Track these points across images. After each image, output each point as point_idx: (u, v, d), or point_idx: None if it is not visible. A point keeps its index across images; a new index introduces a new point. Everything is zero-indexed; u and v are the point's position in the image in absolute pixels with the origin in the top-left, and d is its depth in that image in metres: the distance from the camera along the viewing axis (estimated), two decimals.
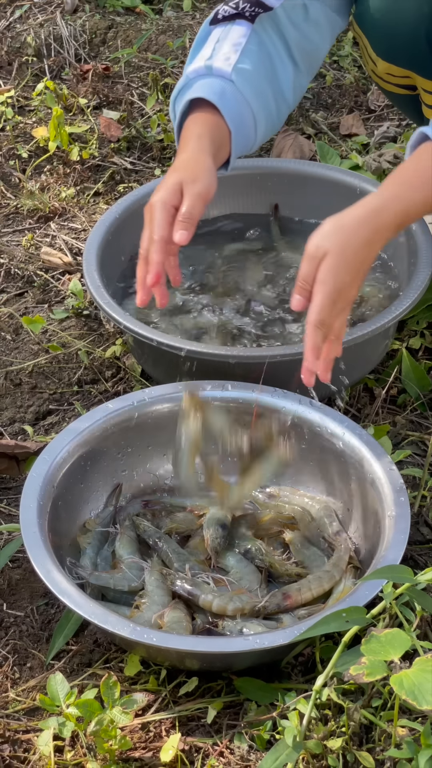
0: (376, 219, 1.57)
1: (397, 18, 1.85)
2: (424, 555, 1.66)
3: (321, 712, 1.38)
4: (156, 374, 1.97)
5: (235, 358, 1.79)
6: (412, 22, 1.84)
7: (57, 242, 2.38)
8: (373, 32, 1.89)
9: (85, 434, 1.69)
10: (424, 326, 2.05)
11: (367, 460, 1.64)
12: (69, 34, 2.99)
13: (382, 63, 1.92)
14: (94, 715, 1.37)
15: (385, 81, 1.98)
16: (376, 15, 1.86)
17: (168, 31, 3.02)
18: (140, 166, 2.62)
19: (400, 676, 1.22)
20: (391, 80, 1.97)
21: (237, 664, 1.48)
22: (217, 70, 1.77)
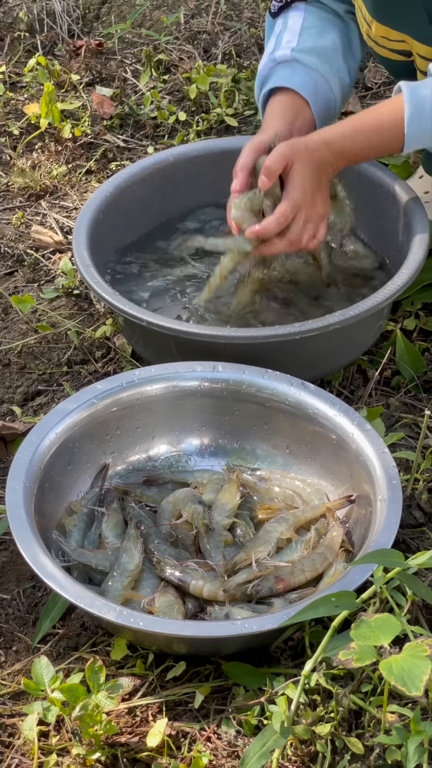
0: (327, 148, 1.83)
1: None
2: (417, 539, 1.64)
3: (310, 698, 1.36)
4: (146, 355, 1.94)
5: (226, 338, 1.76)
6: None
7: (48, 221, 2.36)
8: None
9: (73, 415, 1.67)
10: (419, 307, 2.03)
11: (359, 442, 1.61)
12: (62, 9, 2.95)
13: (378, 26, 1.90)
14: (79, 699, 1.35)
15: (380, 45, 1.95)
16: None
17: (162, 7, 2.99)
18: (133, 143, 2.58)
19: (390, 661, 1.20)
20: (385, 44, 1.94)
21: (225, 649, 1.46)
22: (280, 58, 1.97)
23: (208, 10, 2.95)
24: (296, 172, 1.80)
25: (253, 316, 1.92)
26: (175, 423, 1.75)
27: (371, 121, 1.84)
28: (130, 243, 2.12)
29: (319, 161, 1.82)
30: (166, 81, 2.74)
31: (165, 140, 2.57)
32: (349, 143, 1.84)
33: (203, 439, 1.75)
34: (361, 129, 1.85)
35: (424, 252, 1.89)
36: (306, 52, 1.98)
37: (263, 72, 2.01)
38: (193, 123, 2.59)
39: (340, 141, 1.84)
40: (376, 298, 1.82)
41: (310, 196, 1.81)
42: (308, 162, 1.81)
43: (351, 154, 1.86)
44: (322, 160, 1.82)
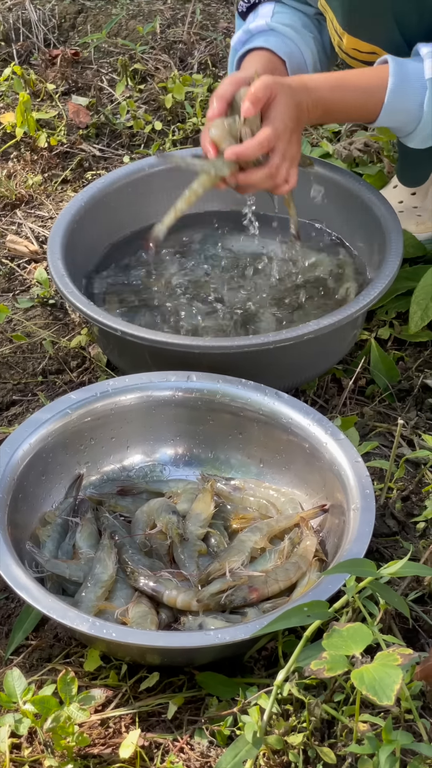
0: (306, 93, 1.80)
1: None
2: (390, 548, 1.65)
3: (282, 707, 1.36)
4: (121, 364, 1.94)
5: (200, 348, 1.77)
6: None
7: (23, 230, 2.35)
8: (339, 6, 1.88)
9: (47, 425, 1.67)
10: (393, 316, 2.04)
11: (333, 452, 1.62)
12: (38, 19, 2.95)
13: (348, 38, 1.91)
14: (50, 711, 1.34)
15: (351, 57, 1.96)
16: None
17: (138, 16, 2.99)
18: (109, 153, 2.58)
19: (361, 671, 1.20)
20: (357, 56, 1.95)
21: (198, 659, 1.46)
22: (255, 29, 1.98)
23: (183, 20, 2.95)
24: (279, 105, 1.76)
25: None
26: (149, 433, 1.75)
27: (355, 80, 1.84)
28: (105, 253, 2.12)
29: (299, 101, 1.79)
30: (142, 90, 2.75)
31: (141, 150, 2.58)
32: (328, 93, 1.82)
33: (177, 448, 1.75)
34: (343, 84, 1.83)
35: (398, 261, 1.90)
36: (282, 24, 1.97)
37: (237, 46, 1.99)
38: (169, 132, 2.60)
39: (321, 89, 1.82)
40: (351, 308, 1.82)
41: (289, 132, 1.77)
42: (291, 98, 1.77)
43: (328, 105, 1.83)
44: (301, 101, 1.79)
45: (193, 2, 3.01)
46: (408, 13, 1.83)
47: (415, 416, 1.88)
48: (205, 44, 2.88)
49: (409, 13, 1.83)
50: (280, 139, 1.76)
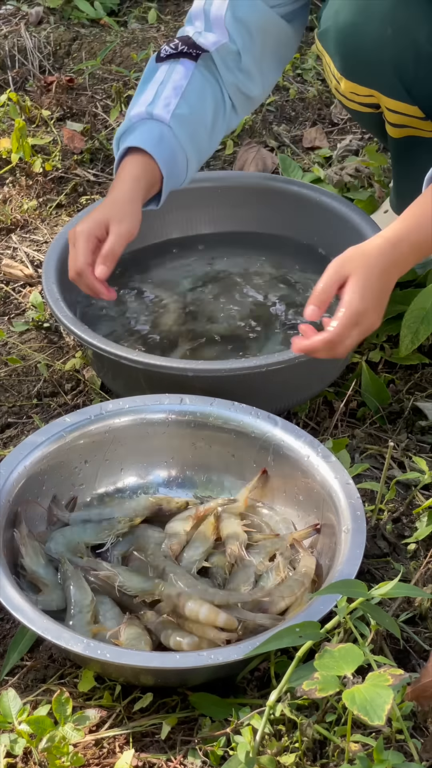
0: (392, 251, 1.65)
1: (361, 39, 1.85)
2: (381, 569, 1.66)
3: (275, 728, 1.37)
4: (115, 387, 1.96)
5: (194, 371, 1.79)
6: (376, 44, 1.84)
7: (18, 254, 2.38)
8: (337, 52, 1.90)
9: (41, 448, 1.68)
10: (384, 339, 2.06)
11: (324, 474, 1.63)
12: (33, 46, 2.99)
13: (346, 82, 1.93)
14: (45, 731, 1.35)
15: (349, 99, 1.98)
16: (340, 35, 1.87)
17: (132, 44, 3.03)
18: (103, 178, 2.61)
19: (353, 691, 1.22)
20: (354, 99, 1.97)
21: (192, 680, 1.47)
22: (157, 116, 1.90)
23: None
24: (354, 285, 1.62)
25: None
26: (143, 455, 1.76)
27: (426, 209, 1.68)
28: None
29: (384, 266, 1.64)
30: None
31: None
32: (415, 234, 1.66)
33: (171, 470, 1.77)
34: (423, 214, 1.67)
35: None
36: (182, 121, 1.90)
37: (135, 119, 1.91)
38: None
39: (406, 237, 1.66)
40: None
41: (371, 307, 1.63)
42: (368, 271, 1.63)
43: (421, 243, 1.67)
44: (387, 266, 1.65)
45: None
46: (403, 57, 1.85)
47: (406, 438, 1.90)
48: None
49: (404, 56, 1.85)
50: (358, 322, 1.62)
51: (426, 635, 1.56)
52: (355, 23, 1.85)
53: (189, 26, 1.98)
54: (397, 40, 1.83)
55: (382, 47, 1.84)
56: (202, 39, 1.94)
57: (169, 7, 3.30)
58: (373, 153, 2.46)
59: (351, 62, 1.89)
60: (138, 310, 2.08)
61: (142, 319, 2.05)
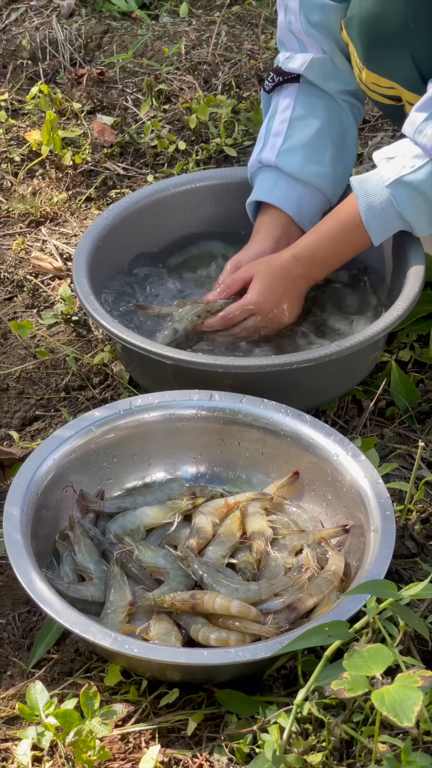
0: (296, 265, 1.93)
1: (382, 30, 1.85)
2: (409, 569, 1.66)
3: (302, 726, 1.37)
4: (144, 382, 1.96)
5: (223, 367, 1.78)
6: (397, 36, 1.84)
7: (48, 247, 2.38)
8: (359, 40, 1.90)
9: (70, 442, 1.69)
10: (414, 339, 2.05)
11: (353, 473, 1.63)
12: (64, 38, 2.98)
13: (367, 72, 1.93)
14: (73, 725, 1.36)
15: (371, 90, 1.98)
16: (363, 24, 1.87)
17: (164, 37, 3.02)
18: (133, 172, 2.61)
19: (382, 692, 1.21)
20: (376, 89, 1.97)
21: (218, 676, 1.47)
22: (266, 161, 2.04)
23: (208, 42, 2.98)
24: (255, 283, 1.93)
25: None
26: (171, 451, 1.76)
27: (334, 227, 1.91)
28: (130, 270, 2.15)
29: (287, 274, 1.92)
30: (166, 110, 2.77)
31: (165, 169, 2.60)
32: (317, 253, 1.92)
33: (199, 467, 1.77)
34: (326, 236, 1.91)
35: (420, 284, 1.91)
36: (290, 153, 2.02)
37: (251, 170, 2.08)
38: (193, 152, 2.62)
39: (307, 252, 1.92)
40: (372, 330, 1.84)
41: (270, 303, 1.92)
42: (268, 274, 1.92)
43: (322, 261, 1.93)
44: (291, 272, 1.92)
45: (218, 24, 3.04)
46: (424, 50, 1.84)
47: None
48: (229, 65, 2.90)
49: (424, 49, 1.84)
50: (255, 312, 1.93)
51: None
52: (377, 14, 1.84)
53: (282, 51, 2.07)
54: (419, 34, 1.83)
55: (403, 40, 1.84)
56: (290, 64, 2.03)
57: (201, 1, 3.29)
58: None
59: (372, 52, 1.90)
60: None
61: None
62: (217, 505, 1.68)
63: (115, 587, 1.56)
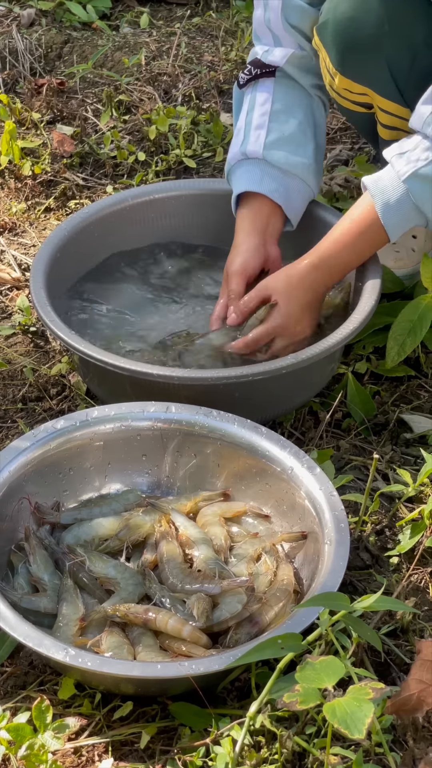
0: (315, 273, 1.91)
1: (357, 34, 1.86)
2: (364, 581, 1.66)
3: (254, 739, 1.37)
4: (101, 393, 1.96)
5: (179, 379, 1.78)
6: (372, 40, 1.85)
7: (6, 257, 2.37)
8: (333, 45, 1.90)
9: (26, 453, 1.68)
10: (370, 351, 2.06)
11: (308, 485, 1.63)
12: (24, 48, 2.98)
13: (341, 78, 1.94)
14: (25, 739, 1.35)
15: (342, 97, 1.99)
16: (338, 27, 1.88)
17: (124, 48, 3.02)
18: (92, 182, 2.61)
19: (333, 704, 1.22)
20: (348, 96, 1.98)
21: (172, 689, 1.47)
22: (252, 153, 2.04)
23: (169, 53, 2.99)
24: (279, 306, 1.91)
25: None
26: (127, 462, 1.76)
27: (351, 229, 1.90)
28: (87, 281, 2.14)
29: (307, 285, 1.91)
30: (126, 121, 2.78)
31: (124, 180, 2.60)
32: (337, 256, 1.91)
33: (155, 478, 1.77)
34: (342, 239, 1.91)
35: (376, 297, 1.93)
36: (275, 146, 2.03)
37: (232, 162, 2.07)
38: (153, 163, 2.63)
39: (327, 258, 1.91)
40: (329, 342, 1.85)
41: (295, 321, 1.91)
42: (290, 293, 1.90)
43: (342, 263, 1.92)
44: (311, 283, 1.91)
45: (179, 35, 3.05)
46: (399, 56, 1.86)
47: (391, 450, 1.91)
48: (189, 77, 2.91)
49: (400, 55, 1.86)
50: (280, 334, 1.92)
51: (407, 648, 1.56)
52: (353, 17, 1.86)
53: (258, 45, 2.09)
54: (394, 39, 1.84)
55: (379, 44, 1.85)
56: (270, 57, 2.05)
57: (161, 12, 3.30)
58: (362, 164, 2.47)
59: (346, 57, 1.91)
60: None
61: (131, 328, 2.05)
62: None
63: (68, 600, 1.55)
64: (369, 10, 1.84)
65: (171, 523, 1.66)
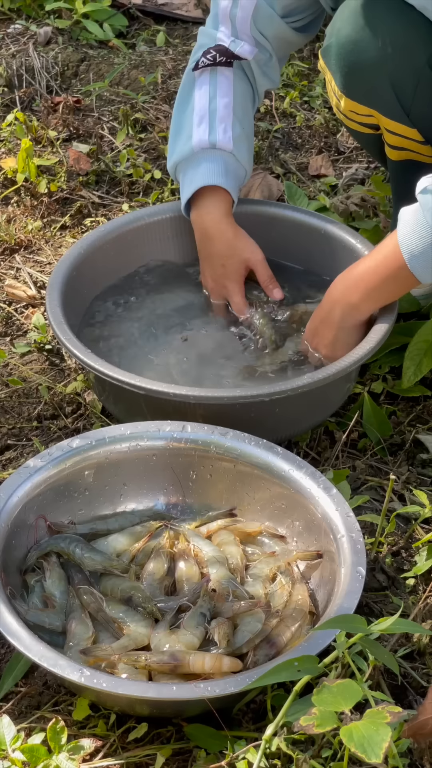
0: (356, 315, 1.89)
1: (360, 56, 1.86)
2: (380, 602, 1.66)
3: (270, 762, 1.36)
4: (116, 412, 1.96)
5: (195, 398, 1.78)
6: (375, 62, 1.86)
7: (21, 275, 2.37)
8: (338, 68, 1.91)
9: (42, 472, 1.68)
10: (387, 371, 2.06)
11: (324, 506, 1.63)
12: (41, 66, 2.99)
13: (346, 100, 1.94)
14: (39, 760, 1.35)
15: (349, 119, 1.99)
16: (341, 51, 1.88)
17: (140, 66, 3.03)
18: (108, 200, 2.61)
19: (350, 728, 1.21)
20: (354, 118, 1.98)
21: (188, 711, 1.46)
22: (221, 146, 2.05)
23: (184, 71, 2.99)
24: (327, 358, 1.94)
25: None
26: (143, 482, 1.76)
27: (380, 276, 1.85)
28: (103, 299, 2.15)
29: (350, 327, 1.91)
30: (142, 139, 2.78)
31: (140, 197, 2.61)
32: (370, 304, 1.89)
33: (171, 498, 1.76)
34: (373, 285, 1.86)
35: (393, 316, 1.92)
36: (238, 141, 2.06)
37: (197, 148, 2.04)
38: (168, 181, 2.63)
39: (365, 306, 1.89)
40: (345, 362, 1.84)
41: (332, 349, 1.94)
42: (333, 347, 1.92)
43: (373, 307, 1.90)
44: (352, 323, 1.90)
45: None
46: (403, 78, 1.86)
47: (407, 471, 1.90)
48: None
49: (404, 77, 1.86)
50: None
51: (424, 671, 1.55)
52: (355, 40, 1.86)
53: (214, 30, 2.09)
54: (397, 61, 1.84)
55: (382, 66, 1.85)
56: (239, 49, 2.05)
57: (177, 31, 3.31)
58: (379, 183, 2.47)
59: (350, 79, 1.91)
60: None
61: None
62: None
63: (77, 618, 1.55)
64: (371, 33, 1.84)
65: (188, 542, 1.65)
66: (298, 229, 2.19)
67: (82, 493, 1.72)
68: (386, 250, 1.83)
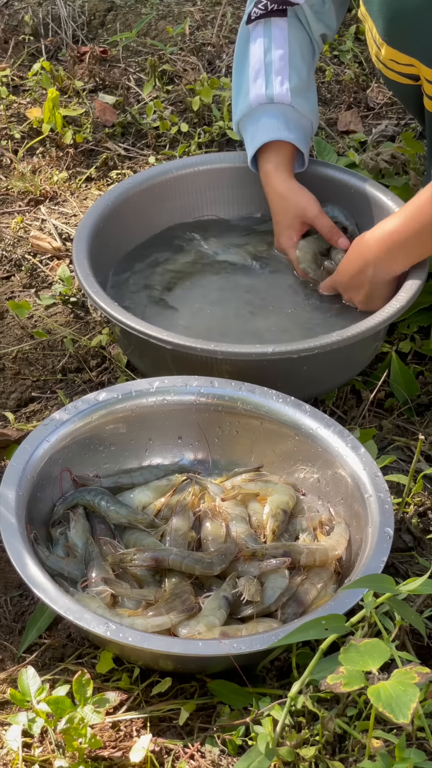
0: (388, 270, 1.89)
1: (404, 4, 1.83)
2: (405, 563, 1.65)
3: (295, 719, 1.36)
4: (142, 366, 1.94)
5: (223, 353, 1.76)
6: (419, 9, 1.82)
7: (47, 226, 2.35)
8: (380, 15, 1.88)
9: (68, 425, 1.67)
10: (415, 330, 2.03)
11: (352, 465, 1.62)
12: (67, 15, 2.95)
13: (387, 48, 1.90)
14: (65, 712, 1.34)
15: (388, 68, 1.96)
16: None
17: (168, 17, 2.99)
18: (134, 152, 2.58)
19: (378, 687, 1.20)
20: (394, 67, 1.94)
21: (212, 667, 1.46)
22: (278, 98, 2.03)
23: (213, 23, 2.95)
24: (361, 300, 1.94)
25: None
26: (168, 437, 1.75)
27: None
28: (131, 253, 2.12)
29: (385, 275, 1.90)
30: (169, 91, 2.74)
31: (166, 150, 2.57)
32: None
33: (197, 453, 1.75)
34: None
35: (423, 275, 1.90)
36: (297, 93, 2.04)
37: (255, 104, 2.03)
38: (195, 135, 2.60)
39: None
40: (374, 320, 1.82)
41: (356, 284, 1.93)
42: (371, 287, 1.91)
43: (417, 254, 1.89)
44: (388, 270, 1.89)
45: (224, 5, 3.01)
46: None
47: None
48: (234, 48, 2.87)
49: None
50: None
51: None
52: None
53: None
54: None
55: (426, 13, 1.82)
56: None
57: None
58: (409, 140, 2.43)
59: (393, 27, 1.88)
60: None
61: None
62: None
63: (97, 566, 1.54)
64: None
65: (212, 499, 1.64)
66: (329, 186, 2.16)
67: (107, 446, 1.71)
68: (419, 204, 1.81)
